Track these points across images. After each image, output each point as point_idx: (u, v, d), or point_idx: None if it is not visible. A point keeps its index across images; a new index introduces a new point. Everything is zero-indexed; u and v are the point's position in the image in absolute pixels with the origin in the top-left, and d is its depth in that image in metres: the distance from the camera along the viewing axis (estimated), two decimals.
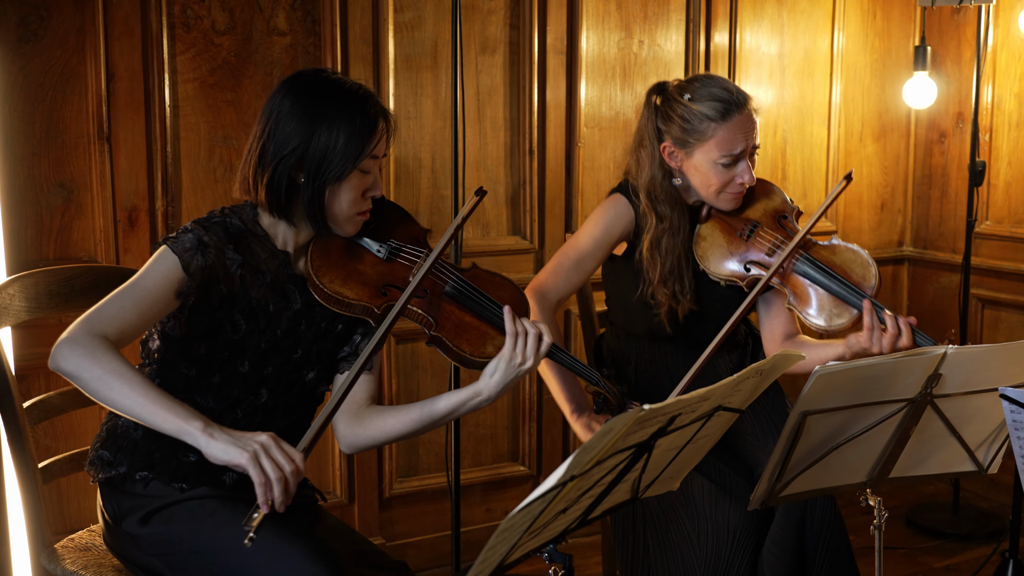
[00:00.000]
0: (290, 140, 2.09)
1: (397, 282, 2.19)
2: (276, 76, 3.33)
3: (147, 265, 2.06)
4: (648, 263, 2.67)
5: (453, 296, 2.21)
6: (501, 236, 3.77)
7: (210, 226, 2.11)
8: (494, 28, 3.67)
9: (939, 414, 2.14)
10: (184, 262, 2.04)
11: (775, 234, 2.67)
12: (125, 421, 2.16)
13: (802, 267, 2.61)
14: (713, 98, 2.59)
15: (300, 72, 2.19)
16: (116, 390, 1.90)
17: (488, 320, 2.21)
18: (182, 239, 2.06)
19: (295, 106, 2.10)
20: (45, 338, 3.04)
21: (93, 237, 3.15)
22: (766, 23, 4.15)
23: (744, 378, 1.86)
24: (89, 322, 1.96)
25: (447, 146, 3.59)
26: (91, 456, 2.20)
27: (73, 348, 1.92)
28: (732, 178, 2.62)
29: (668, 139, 2.64)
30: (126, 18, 3.12)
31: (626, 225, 2.71)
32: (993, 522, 4.06)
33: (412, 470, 3.72)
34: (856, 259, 2.63)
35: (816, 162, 4.33)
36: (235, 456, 1.87)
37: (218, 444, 1.88)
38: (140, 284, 2.03)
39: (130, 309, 2.00)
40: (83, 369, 1.91)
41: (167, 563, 2.09)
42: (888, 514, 2.33)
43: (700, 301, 2.72)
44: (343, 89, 2.13)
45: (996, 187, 4.25)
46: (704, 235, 2.70)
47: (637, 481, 1.90)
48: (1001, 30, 4.17)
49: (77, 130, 3.10)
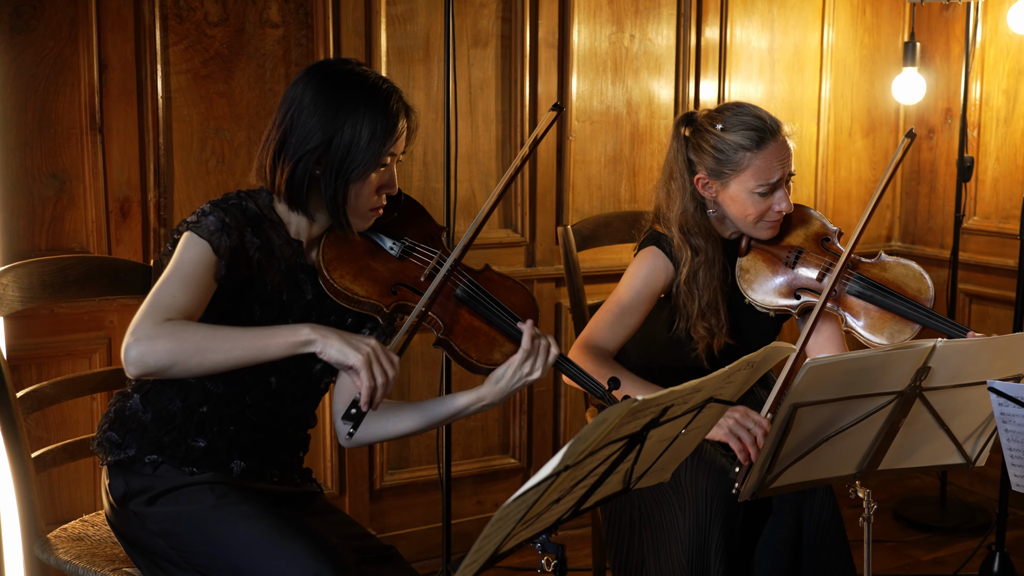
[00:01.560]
0: (312, 134, 2.06)
1: (408, 281, 2.16)
2: (268, 68, 3.34)
3: (177, 254, 2.01)
4: (686, 298, 2.62)
5: (464, 300, 2.16)
6: (492, 229, 3.78)
7: (228, 208, 2.08)
8: (486, 21, 3.68)
9: (928, 407, 2.17)
10: (214, 245, 2.01)
11: (822, 258, 2.63)
12: (133, 403, 2.14)
13: (855, 287, 2.58)
14: (746, 127, 2.55)
15: (324, 61, 2.16)
16: (216, 352, 1.88)
17: (498, 327, 2.16)
18: (204, 222, 2.03)
19: (318, 98, 2.07)
20: (37, 328, 3.06)
21: (85, 228, 3.15)
22: (756, 18, 4.16)
23: (736, 370, 1.88)
24: (151, 315, 1.90)
25: (439, 139, 3.60)
26: (99, 437, 2.18)
27: (153, 343, 1.86)
28: (769, 207, 2.58)
29: (702, 170, 2.60)
30: (119, 9, 3.12)
31: (666, 277, 2.65)
32: (979, 515, 4.09)
33: (403, 462, 3.73)
34: (909, 273, 2.61)
35: (806, 157, 4.35)
36: (351, 357, 1.89)
37: (335, 344, 1.90)
38: (180, 272, 1.98)
39: (181, 295, 1.95)
40: (175, 354, 1.87)
41: (172, 543, 2.08)
42: (876, 507, 2.35)
43: (737, 335, 2.68)
44: (367, 84, 2.09)
45: (984, 183, 4.27)
46: (747, 267, 2.66)
47: (629, 472, 1.91)
48: (989, 26, 4.20)
49: (70, 121, 3.10)
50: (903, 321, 2.54)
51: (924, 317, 2.53)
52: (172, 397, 2.12)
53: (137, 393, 2.15)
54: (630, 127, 3.95)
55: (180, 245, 2.02)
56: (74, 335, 3.14)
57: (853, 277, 2.59)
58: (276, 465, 2.22)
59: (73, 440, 2.51)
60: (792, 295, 2.61)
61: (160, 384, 2.12)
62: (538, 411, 3.92)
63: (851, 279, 2.59)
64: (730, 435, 2.31)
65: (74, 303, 3.08)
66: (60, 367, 3.10)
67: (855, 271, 2.61)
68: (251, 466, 2.15)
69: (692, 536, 2.50)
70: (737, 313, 2.67)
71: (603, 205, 3.91)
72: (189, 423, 2.11)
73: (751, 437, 2.29)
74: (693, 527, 2.50)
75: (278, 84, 3.36)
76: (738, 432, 2.30)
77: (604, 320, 2.63)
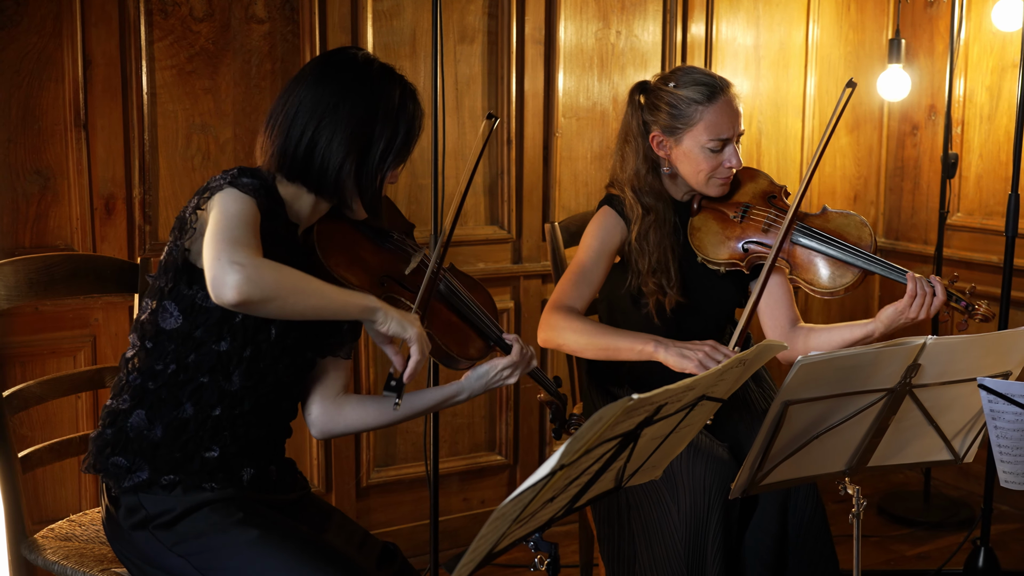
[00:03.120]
0: (342, 143, 2.09)
1: (393, 274, 2.21)
2: (254, 64, 3.32)
3: (224, 208, 1.95)
4: (637, 255, 2.72)
5: (444, 296, 2.26)
6: (479, 226, 3.78)
7: (255, 174, 2.06)
8: (472, 17, 3.67)
9: (917, 404, 2.17)
10: (259, 202, 2.00)
11: (768, 211, 2.74)
12: (137, 420, 2.06)
13: (799, 238, 2.69)
14: (697, 83, 2.68)
15: (345, 57, 2.16)
16: (310, 296, 1.93)
17: (471, 323, 2.29)
18: (241, 182, 2.00)
19: (346, 105, 2.10)
20: (22, 326, 3.04)
21: (70, 225, 3.13)
22: (742, 15, 4.17)
23: (728, 368, 1.88)
24: (239, 247, 1.87)
25: (425, 135, 3.56)
26: (100, 463, 2.09)
27: (259, 271, 1.85)
28: (720, 163, 2.69)
29: (656, 129, 2.71)
30: (103, 4, 3.10)
31: (620, 234, 2.77)
32: (963, 511, 4.11)
33: (389, 459, 3.72)
34: (849, 222, 2.72)
35: (791, 153, 4.37)
36: (408, 330, 2.02)
37: (395, 317, 2.02)
38: (238, 218, 1.94)
39: (251, 237, 1.93)
40: (280, 286, 1.88)
41: (197, 563, 2.02)
42: (866, 503, 2.36)
43: (689, 294, 2.76)
44: (394, 85, 2.15)
45: (967, 179, 4.29)
46: (698, 226, 2.76)
47: (622, 470, 1.91)
48: (973, 24, 4.22)
49: (54, 117, 3.08)
50: (844, 266, 2.65)
51: (863, 262, 2.64)
52: (183, 403, 2.06)
53: (140, 408, 2.06)
54: (616, 123, 3.93)
55: (223, 199, 1.97)
56: (58, 333, 3.12)
57: (797, 228, 2.69)
58: (274, 461, 2.21)
59: (60, 439, 2.50)
60: (740, 248, 2.72)
61: (169, 391, 2.06)
62: (524, 408, 3.92)
63: (795, 230, 2.69)
64: (700, 367, 2.48)
65: (59, 301, 3.06)
66: (45, 365, 3.08)
67: (801, 223, 2.71)
68: (257, 471, 2.14)
69: (689, 525, 2.53)
70: (690, 272, 2.77)
71: (589, 201, 3.90)
72: (203, 430, 2.06)
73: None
74: (690, 516, 2.53)
75: (264, 80, 3.35)
76: (708, 365, 2.47)
77: (569, 282, 2.74)
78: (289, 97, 2.12)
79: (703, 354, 2.51)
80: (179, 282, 2.04)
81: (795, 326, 2.79)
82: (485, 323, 2.31)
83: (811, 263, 2.68)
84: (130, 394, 2.08)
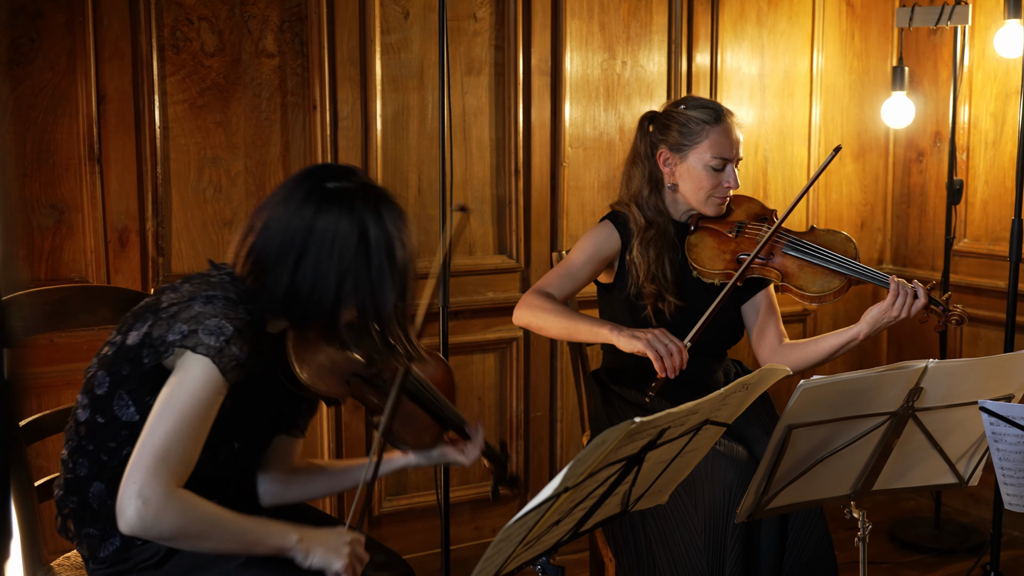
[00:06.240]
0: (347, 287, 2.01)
1: (361, 371, 2.18)
2: (264, 97, 3.37)
3: (192, 386, 1.93)
4: (638, 261, 2.91)
5: (410, 392, 2.24)
6: (487, 255, 3.81)
7: (244, 327, 1.98)
8: (479, 49, 3.72)
9: (921, 427, 2.19)
10: (230, 380, 1.96)
11: (761, 227, 2.96)
12: (97, 491, 2.05)
13: (786, 250, 2.90)
14: (704, 107, 2.93)
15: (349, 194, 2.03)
16: (212, 541, 1.93)
17: (432, 414, 2.31)
18: (228, 352, 1.94)
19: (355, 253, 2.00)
20: (38, 358, 3.07)
21: (84, 257, 3.17)
22: (747, 44, 4.21)
23: (730, 392, 1.90)
24: (162, 474, 1.88)
25: (433, 166, 3.63)
26: (73, 533, 2.10)
27: (159, 517, 1.86)
28: (720, 182, 2.91)
29: (664, 147, 2.93)
30: (116, 40, 3.16)
31: (614, 247, 2.97)
32: (974, 536, 4.10)
33: (401, 488, 3.74)
34: (835, 238, 2.93)
35: (797, 181, 4.39)
36: (335, 563, 2.00)
37: (319, 554, 2.01)
38: (194, 415, 1.93)
39: (192, 446, 1.94)
40: (176, 533, 1.89)
41: None
42: (871, 527, 2.37)
43: (687, 298, 2.91)
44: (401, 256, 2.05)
45: (973, 205, 4.31)
46: (695, 243, 2.97)
47: (627, 494, 1.93)
48: (977, 50, 4.25)
49: (68, 151, 3.13)
50: (831, 273, 2.84)
51: (849, 269, 2.83)
52: None
53: (99, 480, 2.05)
54: (623, 153, 3.98)
55: (197, 372, 1.93)
56: (74, 364, 3.14)
57: (786, 242, 2.91)
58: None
59: None
60: (734, 260, 2.91)
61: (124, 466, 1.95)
62: (535, 436, 3.93)
63: (784, 244, 2.90)
64: (648, 346, 2.65)
65: (74, 333, 3.09)
66: (60, 396, 3.11)
67: (791, 237, 2.92)
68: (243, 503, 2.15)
69: (708, 519, 2.62)
70: (687, 289, 2.94)
71: None
72: None
73: (668, 353, 2.63)
74: (709, 512, 2.62)
75: (274, 113, 3.40)
76: (656, 345, 2.64)
77: (554, 273, 2.97)
78: (282, 219, 2.02)
79: (652, 335, 2.66)
80: (142, 387, 2.01)
81: (782, 343, 2.98)
82: (447, 414, 2.31)
83: (801, 271, 2.87)
84: (87, 460, 2.07)
